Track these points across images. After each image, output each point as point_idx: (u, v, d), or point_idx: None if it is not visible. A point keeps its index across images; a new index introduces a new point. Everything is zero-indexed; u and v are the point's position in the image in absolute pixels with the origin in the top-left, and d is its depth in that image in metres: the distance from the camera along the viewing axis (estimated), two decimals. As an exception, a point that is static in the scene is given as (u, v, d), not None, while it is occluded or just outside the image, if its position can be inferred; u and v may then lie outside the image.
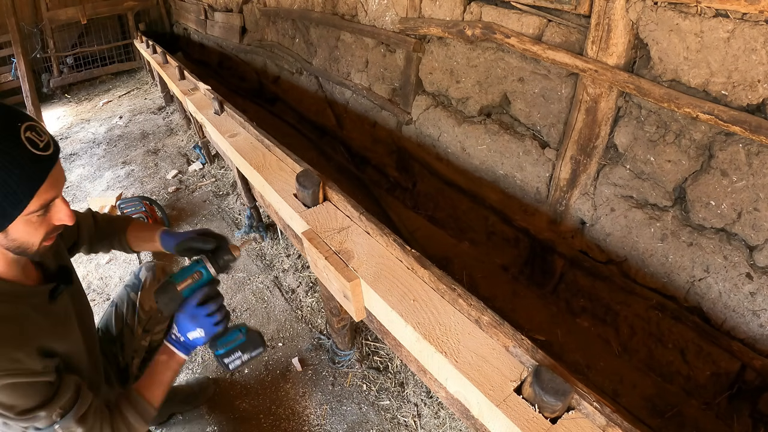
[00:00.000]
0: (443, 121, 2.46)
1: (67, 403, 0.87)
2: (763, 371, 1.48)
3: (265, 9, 4.06)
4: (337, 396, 1.74)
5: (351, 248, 1.09)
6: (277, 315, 2.13)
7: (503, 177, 2.24)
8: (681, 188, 1.59)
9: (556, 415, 0.72)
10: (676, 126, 1.53)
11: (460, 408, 0.88)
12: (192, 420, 1.69)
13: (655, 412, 1.61)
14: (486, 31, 2.00)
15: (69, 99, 5.89)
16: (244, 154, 1.60)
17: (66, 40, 6.06)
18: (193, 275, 1.02)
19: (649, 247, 1.72)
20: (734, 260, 1.49)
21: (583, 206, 1.91)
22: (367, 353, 1.88)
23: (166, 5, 6.56)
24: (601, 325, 1.96)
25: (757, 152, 1.36)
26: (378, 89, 2.94)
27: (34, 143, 0.76)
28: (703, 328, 1.60)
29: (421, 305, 0.92)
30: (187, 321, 1.02)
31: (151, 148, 4.01)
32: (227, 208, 3.00)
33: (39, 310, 0.89)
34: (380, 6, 2.66)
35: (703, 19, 1.34)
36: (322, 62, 3.47)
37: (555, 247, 2.04)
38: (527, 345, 0.78)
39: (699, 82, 1.41)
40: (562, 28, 1.75)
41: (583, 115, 1.77)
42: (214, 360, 1.91)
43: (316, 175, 1.28)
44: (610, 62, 1.59)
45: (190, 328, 1.02)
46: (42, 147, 0.77)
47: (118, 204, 2.81)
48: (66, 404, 0.86)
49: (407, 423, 1.63)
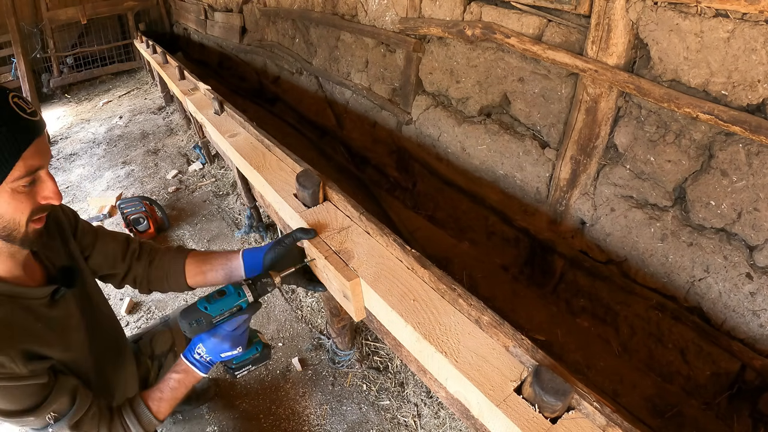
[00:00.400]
0: (443, 121, 2.46)
1: (61, 407, 0.85)
2: (763, 371, 1.48)
3: (265, 9, 4.06)
4: (337, 396, 1.74)
5: (351, 248, 1.09)
6: (277, 315, 2.13)
7: (503, 177, 2.24)
8: (681, 188, 1.59)
9: (556, 415, 0.72)
10: (676, 126, 1.53)
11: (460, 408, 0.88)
12: (192, 420, 1.69)
13: (655, 412, 1.61)
14: (486, 31, 2.00)
15: (69, 99, 5.89)
16: (244, 154, 1.60)
17: (66, 40, 6.06)
18: (232, 309, 0.94)
19: (649, 247, 1.72)
20: (734, 260, 1.49)
21: (583, 206, 1.91)
22: (367, 353, 1.88)
23: (166, 5, 6.56)
24: (601, 325, 1.96)
25: (757, 152, 1.36)
26: (378, 89, 2.94)
27: (22, 108, 0.77)
28: (703, 328, 1.60)
29: (421, 305, 0.92)
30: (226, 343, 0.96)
31: (151, 148, 4.02)
32: (227, 208, 3.00)
33: (33, 312, 0.87)
34: (380, 6, 2.66)
35: (703, 19, 1.34)
36: (322, 62, 3.47)
37: (555, 247, 2.04)
38: (527, 345, 0.78)
39: (699, 82, 1.41)
40: (562, 28, 1.75)
41: (583, 115, 1.77)
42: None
43: (316, 175, 1.28)
44: (610, 62, 1.59)
45: (227, 349, 0.96)
46: (29, 113, 0.78)
47: (118, 204, 2.82)
48: (59, 408, 0.85)
49: (407, 423, 1.63)
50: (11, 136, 0.74)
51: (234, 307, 0.93)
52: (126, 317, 2.20)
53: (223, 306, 0.92)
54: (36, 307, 0.88)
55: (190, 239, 2.75)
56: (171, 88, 3.17)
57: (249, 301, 0.95)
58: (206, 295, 0.93)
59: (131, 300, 2.27)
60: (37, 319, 0.87)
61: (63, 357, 0.90)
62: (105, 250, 1.11)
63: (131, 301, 2.26)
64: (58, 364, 0.89)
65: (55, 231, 1.01)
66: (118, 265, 1.13)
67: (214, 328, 0.95)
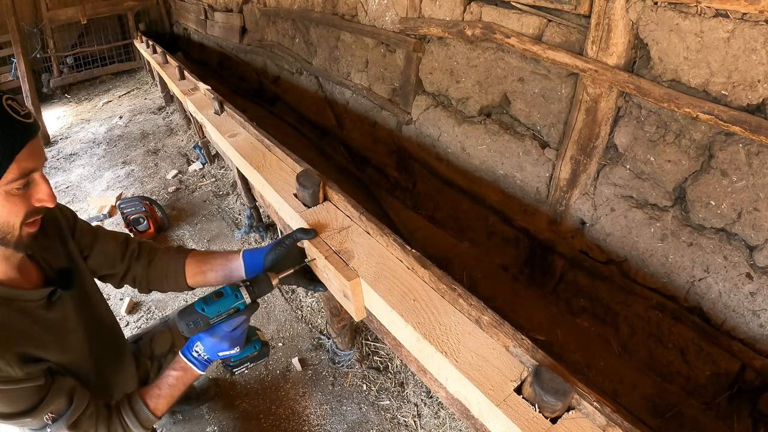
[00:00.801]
0: (443, 121, 2.47)
1: (59, 407, 0.85)
2: (763, 371, 1.48)
3: (265, 9, 4.06)
4: (337, 396, 1.74)
5: (351, 248, 1.09)
6: (277, 315, 2.13)
7: (503, 177, 2.24)
8: (681, 188, 1.59)
9: (557, 415, 0.72)
10: (676, 126, 1.53)
11: (460, 408, 0.88)
12: (192, 420, 1.69)
13: (655, 412, 1.61)
14: (486, 31, 2.00)
15: (69, 99, 5.89)
16: (244, 154, 1.60)
17: (66, 40, 6.06)
18: (229, 311, 0.94)
19: (649, 247, 1.72)
20: (734, 260, 1.49)
21: (583, 206, 1.91)
22: (367, 353, 1.88)
23: (166, 5, 6.56)
24: (601, 325, 1.96)
25: (757, 152, 1.36)
26: (378, 89, 2.94)
27: (15, 110, 0.76)
28: (703, 328, 1.60)
29: (421, 305, 0.92)
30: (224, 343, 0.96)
31: (151, 148, 4.02)
32: (227, 208, 3.00)
33: (30, 315, 0.86)
34: (380, 6, 2.66)
35: (703, 19, 1.34)
36: (322, 62, 3.47)
37: (555, 247, 2.05)
38: (527, 345, 0.78)
39: (699, 82, 1.41)
40: (562, 28, 1.75)
41: (583, 115, 1.77)
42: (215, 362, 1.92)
43: (317, 175, 1.28)
44: (610, 62, 1.59)
45: (225, 348, 0.97)
46: (23, 115, 0.77)
47: (118, 204, 2.82)
48: (57, 409, 0.85)
49: (407, 423, 1.63)
50: (5, 139, 0.74)
51: (231, 308, 0.94)
52: (126, 317, 2.20)
53: (220, 307, 0.93)
54: (32, 310, 0.87)
55: (190, 239, 2.75)
56: (171, 88, 3.17)
57: (246, 302, 0.95)
58: (204, 297, 0.93)
59: (131, 300, 2.27)
60: (33, 322, 0.87)
61: (60, 359, 0.90)
62: (104, 250, 1.11)
63: (131, 301, 2.26)
64: (55, 365, 0.89)
65: (53, 232, 1.01)
66: (118, 265, 1.13)
67: (212, 328, 0.95)
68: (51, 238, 1.00)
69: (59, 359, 0.90)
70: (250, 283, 0.97)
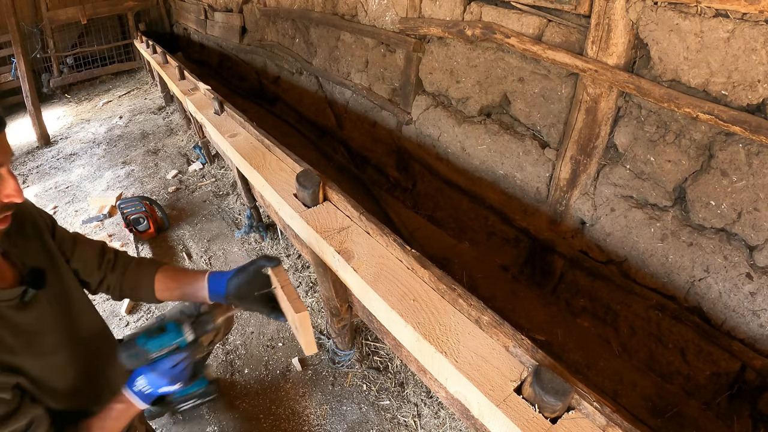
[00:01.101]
0: (443, 121, 2.47)
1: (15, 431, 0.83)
2: (763, 371, 1.48)
3: (265, 9, 4.06)
4: (337, 396, 1.74)
5: (351, 248, 1.09)
6: (277, 315, 2.12)
7: (503, 177, 2.24)
8: (681, 188, 1.59)
9: (556, 415, 0.72)
10: (676, 126, 1.53)
11: (460, 408, 0.88)
12: (192, 420, 1.69)
13: (655, 412, 1.61)
14: (486, 31, 2.00)
15: (69, 99, 5.89)
16: (244, 154, 1.60)
17: (66, 40, 6.06)
18: (171, 347, 0.94)
19: (649, 247, 1.72)
20: (734, 260, 1.49)
21: (583, 206, 1.91)
22: (367, 353, 1.88)
23: (166, 5, 6.57)
24: (601, 325, 1.96)
25: (757, 152, 1.36)
26: (378, 89, 2.94)
27: None
28: (703, 328, 1.60)
29: (421, 305, 0.92)
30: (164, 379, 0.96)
31: (151, 148, 4.02)
32: (227, 208, 3.00)
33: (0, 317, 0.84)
34: (380, 6, 2.66)
35: (703, 19, 1.34)
36: (322, 62, 3.47)
37: (555, 247, 2.05)
38: (527, 345, 0.78)
39: (699, 82, 1.41)
40: (562, 28, 1.75)
41: (583, 115, 1.77)
42: (215, 362, 1.92)
43: (316, 175, 1.28)
44: (610, 62, 1.59)
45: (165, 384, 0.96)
46: None
47: (118, 204, 2.82)
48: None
49: (407, 423, 1.63)
50: None
51: (173, 344, 0.94)
52: (126, 317, 2.20)
53: (162, 343, 0.93)
54: (3, 311, 0.85)
55: (190, 239, 2.75)
56: (171, 88, 3.17)
57: (188, 340, 0.96)
58: (148, 329, 0.94)
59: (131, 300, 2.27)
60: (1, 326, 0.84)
61: (30, 364, 0.88)
62: (84, 257, 1.11)
63: (131, 301, 2.26)
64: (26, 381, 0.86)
65: (32, 232, 0.99)
66: (95, 273, 1.12)
67: (153, 363, 0.95)
68: (29, 238, 0.98)
69: (29, 364, 0.88)
70: (195, 319, 0.98)
